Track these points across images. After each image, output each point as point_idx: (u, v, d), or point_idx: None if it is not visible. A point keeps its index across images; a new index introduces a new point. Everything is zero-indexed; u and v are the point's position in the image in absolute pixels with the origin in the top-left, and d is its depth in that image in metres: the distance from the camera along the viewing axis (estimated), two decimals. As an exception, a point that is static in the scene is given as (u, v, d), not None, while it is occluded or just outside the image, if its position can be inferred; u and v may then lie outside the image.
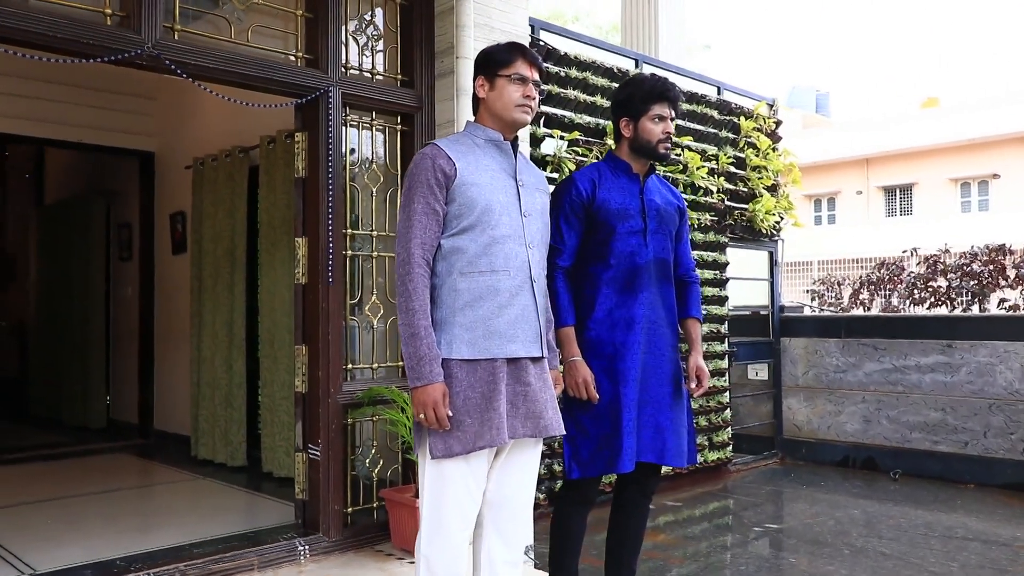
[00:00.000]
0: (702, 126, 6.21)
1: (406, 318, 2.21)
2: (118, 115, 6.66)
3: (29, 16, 2.68)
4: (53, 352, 7.80)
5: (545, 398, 2.36)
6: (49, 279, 8.05)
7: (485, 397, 2.24)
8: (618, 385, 2.67)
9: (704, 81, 6.60)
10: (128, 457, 6.24)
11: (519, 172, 2.42)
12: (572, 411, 2.71)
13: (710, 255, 6.15)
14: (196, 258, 5.80)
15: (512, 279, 2.31)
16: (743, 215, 6.47)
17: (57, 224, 7.95)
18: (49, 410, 7.86)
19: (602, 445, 2.66)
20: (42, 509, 4.62)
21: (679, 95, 2.82)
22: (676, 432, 2.76)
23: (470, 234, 2.28)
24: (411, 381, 2.19)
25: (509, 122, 2.39)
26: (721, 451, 6.13)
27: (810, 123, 26.38)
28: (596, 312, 2.73)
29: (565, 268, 2.74)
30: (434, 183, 2.26)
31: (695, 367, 2.83)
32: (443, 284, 2.29)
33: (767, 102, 6.91)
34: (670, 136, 2.77)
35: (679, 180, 5.81)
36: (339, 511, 3.45)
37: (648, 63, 6.04)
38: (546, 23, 5.31)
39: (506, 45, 2.43)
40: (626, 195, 2.78)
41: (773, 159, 6.74)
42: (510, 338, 2.29)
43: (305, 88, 3.38)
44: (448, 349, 2.25)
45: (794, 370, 6.87)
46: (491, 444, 2.23)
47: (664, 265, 2.82)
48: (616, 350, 2.69)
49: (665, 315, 2.80)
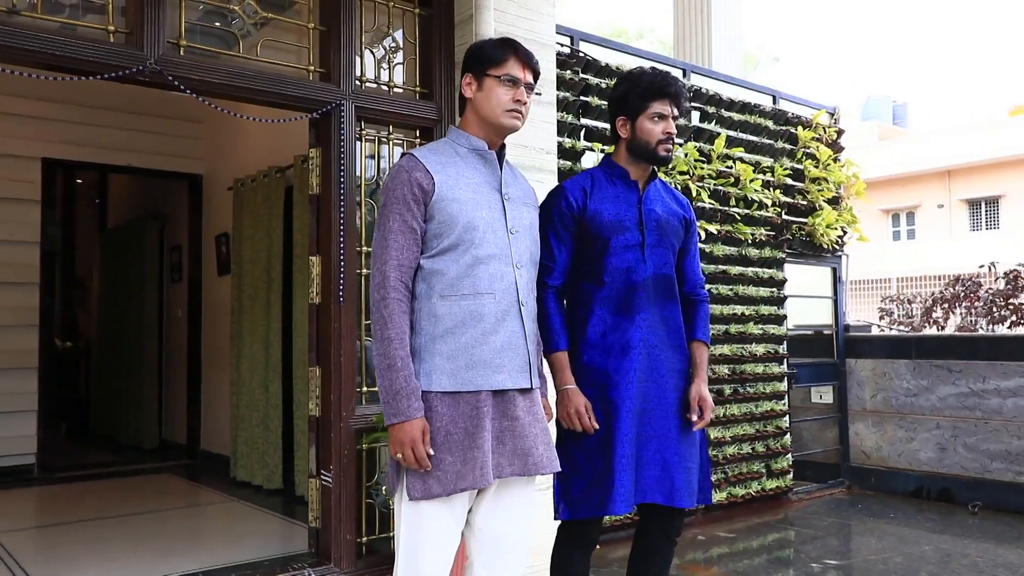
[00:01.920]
0: (756, 137, 5.94)
1: (381, 347, 2.02)
2: (169, 139, 6.78)
3: (25, 34, 2.65)
4: (112, 372, 7.97)
5: (535, 433, 2.15)
6: (110, 301, 8.25)
7: (468, 433, 2.04)
8: (612, 418, 2.40)
9: (758, 90, 6.33)
10: (173, 478, 6.26)
11: (505, 185, 2.22)
12: (564, 445, 2.46)
13: (766, 272, 5.85)
14: (237, 279, 5.81)
15: (498, 303, 2.11)
16: (802, 229, 6.14)
17: (117, 247, 8.15)
18: (108, 429, 8.03)
19: (593, 483, 2.40)
20: (73, 530, 4.64)
21: (682, 91, 2.54)
22: (686, 468, 2.49)
23: (451, 254, 2.09)
24: (387, 417, 2.01)
25: (496, 127, 2.19)
26: (781, 479, 5.79)
27: (886, 134, 25.40)
28: (588, 335, 2.48)
29: (556, 287, 2.51)
30: (411, 199, 2.07)
31: (696, 396, 2.54)
32: (422, 309, 2.10)
33: (827, 110, 6.58)
34: (671, 137, 2.51)
35: (730, 193, 5.54)
36: (351, 540, 3.30)
37: (697, 72, 5.82)
38: (586, 33, 5.15)
39: (498, 41, 2.23)
40: (621, 205, 2.53)
41: (834, 170, 6.39)
42: (496, 368, 2.09)
43: (316, 102, 3.28)
44: (427, 380, 2.06)
45: (861, 393, 6.47)
46: (473, 486, 2.03)
47: (666, 282, 2.56)
48: (609, 378, 2.43)
49: (668, 337, 2.54)
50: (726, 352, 5.49)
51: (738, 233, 5.63)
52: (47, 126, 6.19)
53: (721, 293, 5.49)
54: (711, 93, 5.66)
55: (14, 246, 6.02)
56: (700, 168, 5.36)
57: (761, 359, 5.75)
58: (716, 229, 5.42)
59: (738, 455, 5.48)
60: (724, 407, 5.46)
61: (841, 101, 27.01)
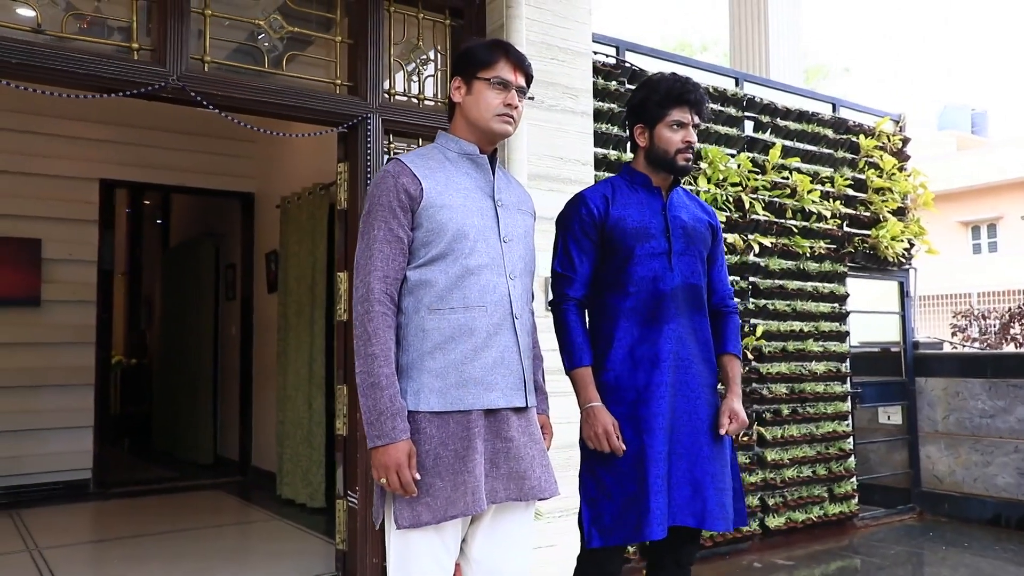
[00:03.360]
0: (814, 146, 5.70)
1: (364, 365, 1.90)
2: (222, 158, 6.90)
3: (48, 53, 2.67)
4: (172, 389, 8.12)
5: (532, 455, 2.01)
6: (171, 319, 8.43)
7: (459, 456, 1.91)
8: (643, 435, 2.26)
9: (817, 98, 6.10)
10: (222, 495, 6.30)
11: (498, 190, 2.10)
12: (591, 467, 2.33)
13: (826, 287, 5.59)
14: (283, 296, 5.83)
15: (490, 316, 1.98)
16: (865, 242, 5.86)
17: (177, 266, 8.33)
18: (168, 445, 8.17)
19: (627, 508, 2.24)
20: (114, 547, 4.69)
21: (703, 98, 2.42)
22: (719, 489, 2.33)
23: (440, 264, 1.97)
24: (370, 440, 1.88)
25: (486, 133, 2.07)
26: (844, 504, 5.49)
27: (965, 144, 24.38)
28: (614, 350, 2.34)
29: (578, 299, 2.38)
30: (397, 206, 1.95)
31: (728, 410, 2.39)
32: (410, 323, 1.98)
33: (891, 118, 6.28)
34: (690, 146, 2.38)
35: (786, 205, 5.32)
36: (377, 564, 3.21)
37: (750, 81, 5.63)
38: (632, 43, 5.01)
39: (488, 42, 2.11)
40: (646, 211, 2.40)
41: (900, 180, 6.09)
42: (488, 386, 1.96)
43: (342, 116, 3.24)
44: (415, 400, 1.93)
45: (932, 414, 6.12)
46: (465, 513, 1.90)
47: (695, 291, 2.41)
48: (639, 394, 2.29)
49: (698, 350, 2.39)
50: (784, 370, 5.25)
51: (795, 246, 5.40)
52: (104, 148, 6.35)
53: (778, 309, 5.26)
54: (765, 102, 5.46)
55: (72, 265, 6.17)
56: (754, 179, 5.16)
57: (822, 378, 5.49)
58: (771, 242, 5.20)
59: (798, 478, 5.23)
60: (783, 428, 5.22)
61: (916, 111, 26.05)
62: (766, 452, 5.09)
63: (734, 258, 5.05)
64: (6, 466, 5.86)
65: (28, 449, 5.96)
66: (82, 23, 3.11)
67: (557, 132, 3.62)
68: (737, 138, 5.24)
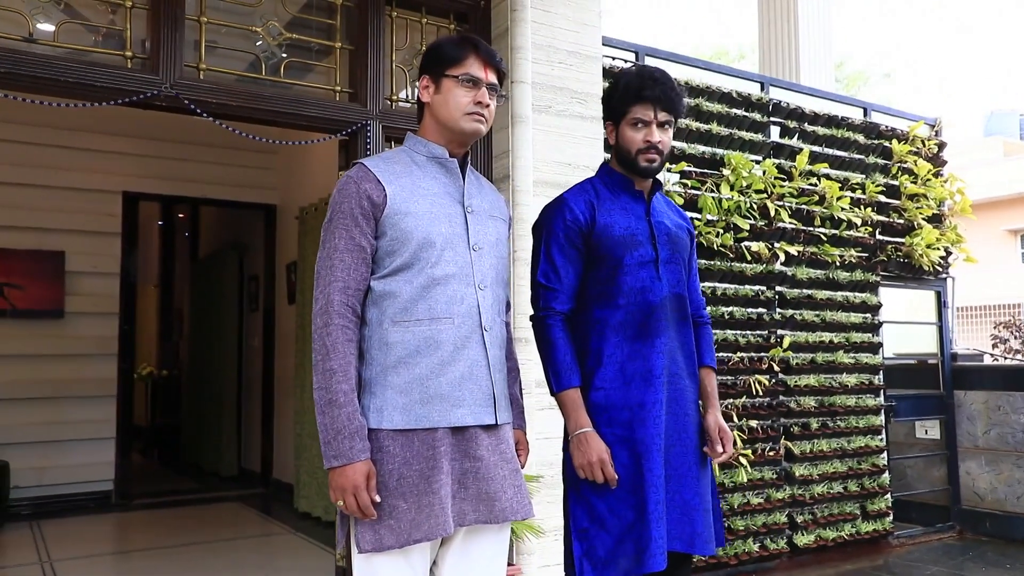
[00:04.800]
0: (844, 152, 5.52)
1: (322, 380, 1.80)
2: (244, 170, 6.92)
3: (38, 62, 2.65)
4: (199, 400, 8.15)
5: (502, 475, 1.90)
6: (199, 330, 8.47)
7: (424, 476, 1.81)
8: (641, 459, 2.09)
9: (848, 103, 5.92)
10: (242, 507, 6.27)
11: (468, 196, 1.99)
12: (582, 495, 2.16)
13: (857, 296, 5.40)
14: (300, 307, 5.79)
15: (457, 329, 1.88)
16: (898, 250, 5.64)
17: (204, 278, 8.38)
18: (195, 456, 8.19)
19: (623, 538, 2.08)
20: (126, 560, 4.67)
21: (670, 93, 2.19)
22: (705, 510, 2.18)
23: (404, 274, 1.86)
24: (327, 460, 1.78)
25: (456, 133, 1.97)
26: (878, 521, 5.28)
27: (1013, 150, 23.67)
28: (605, 367, 2.16)
29: (564, 313, 2.20)
30: (359, 213, 1.86)
31: (716, 427, 2.24)
32: (373, 336, 1.88)
33: (927, 122, 6.06)
34: (653, 146, 2.19)
35: (814, 212, 5.14)
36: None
37: (776, 85, 5.47)
38: (652, 48, 4.89)
39: (457, 38, 2.01)
40: (631, 217, 2.24)
41: (935, 186, 5.87)
42: (454, 402, 1.85)
43: (342, 123, 3.17)
44: (378, 417, 1.83)
45: (972, 428, 5.87)
46: (429, 536, 1.79)
47: (681, 302, 2.26)
48: (634, 414, 2.13)
49: (686, 364, 2.25)
50: (812, 383, 5.07)
51: (824, 255, 5.22)
52: (126, 161, 6.41)
53: (806, 319, 5.08)
54: (792, 107, 5.29)
55: (96, 277, 6.22)
56: (780, 186, 5.00)
57: (853, 390, 5.29)
58: (798, 251, 5.02)
59: (828, 494, 5.03)
60: (812, 442, 5.04)
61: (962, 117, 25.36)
62: (794, 467, 4.91)
63: (759, 267, 4.89)
64: (29, 477, 5.90)
65: (51, 460, 6.01)
66: (96, 36, 3.10)
67: (565, 138, 3.52)
68: (762, 144, 5.09)
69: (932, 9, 42.90)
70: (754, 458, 4.70)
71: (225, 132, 6.15)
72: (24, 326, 5.97)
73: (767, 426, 4.84)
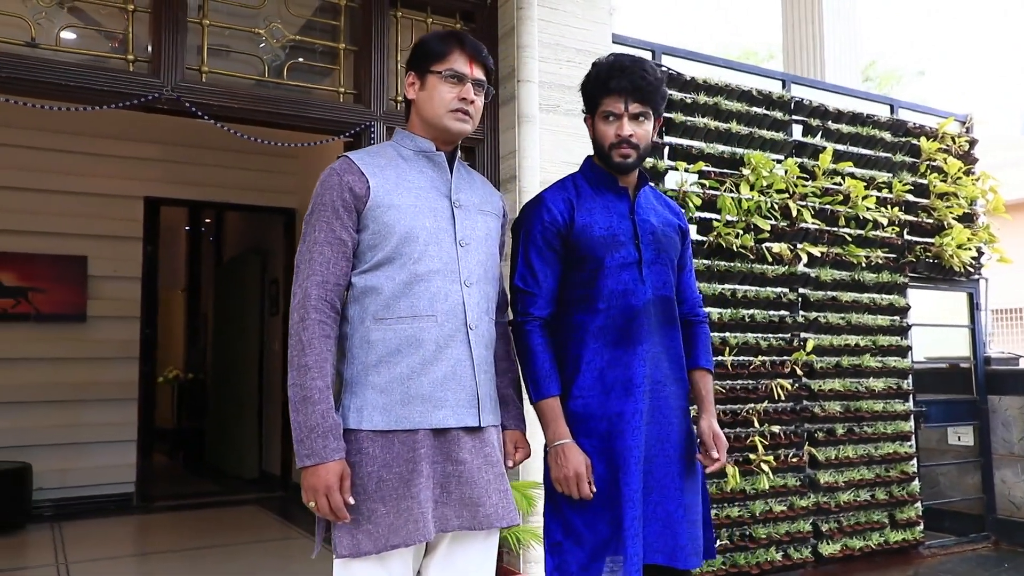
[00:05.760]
0: (870, 150, 5.38)
1: (296, 377, 1.76)
2: (264, 175, 6.94)
3: (38, 66, 2.64)
4: (222, 403, 8.20)
5: (487, 479, 1.83)
6: (223, 334, 8.52)
7: (403, 480, 1.75)
8: (618, 472, 2.00)
9: (873, 100, 5.77)
10: (260, 511, 6.27)
11: (456, 190, 1.94)
12: (557, 507, 2.07)
13: (884, 298, 5.25)
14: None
15: (440, 327, 1.82)
16: (928, 251, 5.48)
17: (227, 282, 8.44)
18: (217, 459, 8.24)
19: (597, 554, 1.99)
20: (141, 563, 4.68)
21: (639, 83, 2.06)
22: (691, 522, 2.09)
23: (386, 270, 1.82)
24: (299, 459, 1.74)
25: (441, 131, 1.92)
26: (908, 531, 5.12)
27: (1054, 148, 23.14)
28: (582, 375, 2.07)
29: (542, 318, 2.10)
30: (340, 206, 1.81)
31: (710, 432, 2.14)
32: (355, 334, 1.83)
33: (957, 118, 5.89)
34: (625, 140, 2.08)
35: (839, 212, 5.01)
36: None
37: (798, 83, 5.35)
38: (669, 47, 4.80)
39: (441, 34, 1.96)
40: (613, 216, 2.13)
41: (966, 184, 5.70)
42: (436, 403, 1.80)
43: (345, 124, 3.14)
44: (358, 417, 1.78)
45: (1007, 435, 5.69)
46: (407, 542, 1.73)
47: (667, 305, 2.15)
48: (612, 424, 2.03)
49: (671, 370, 2.14)
50: (837, 387, 4.94)
51: (849, 256, 5.09)
52: (147, 166, 6.46)
53: (831, 322, 4.95)
54: (815, 104, 5.17)
55: (117, 281, 6.27)
56: (802, 186, 4.88)
57: (880, 395, 5.15)
58: (821, 252, 4.90)
59: (855, 502, 4.90)
60: (837, 448, 4.90)
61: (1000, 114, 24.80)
62: (819, 474, 4.79)
63: (780, 268, 4.78)
64: (52, 479, 5.96)
65: (73, 462, 6.06)
66: (113, 43, 3.10)
67: (573, 137, 3.45)
68: (784, 143, 4.98)
69: (969, 4, 41.98)
70: (776, 464, 4.59)
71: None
72: (47, 330, 6.04)
73: (790, 431, 4.73)
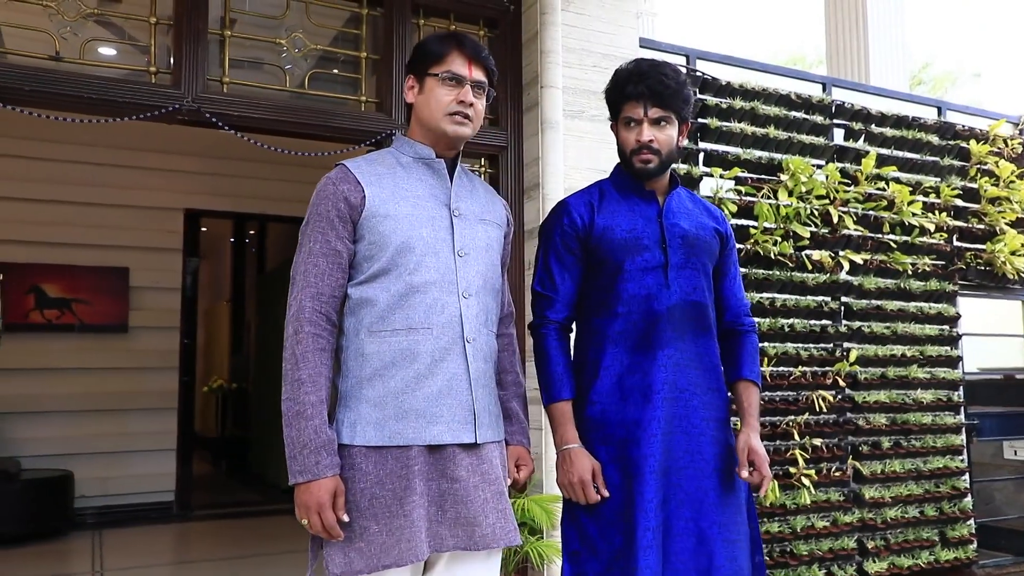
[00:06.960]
0: (916, 154, 5.19)
1: (290, 391, 1.73)
2: (300, 186, 6.95)
3: (60, 79, 2.68)
4: (263, 411, 8.27)
5: (483, 498, 1.77)
6: (264, 343, 8.61)
7: (396, 497, 1.70)
8: (632, 480, 1.94)
9: (920, 102, 5.59)
10: (294, 520, 6.28)
11: (456, 198, 1.88)
12: (574, 516, 2.03)
13: (932, 307, 5.06)
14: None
15: (436, 339, 1.77)
16: (979, 257, 5.27)
17: (269, 292, 8.53)
18: (260, 467, 8.31)
19: (612, 564, 1.93)
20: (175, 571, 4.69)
21: (658, 88, 2.03)
22: (728, 541, 1.99)
23: (381, 281, 1.77)
24: (291, 475, 1.70)
25: (439, 134, 1.87)
26: (960, 549, 4.91)
27: (1120, 150, 22.24)
28: (600, 380, 2.02)
29: (559, 323, 2.09)
30: (335, 216, 1.77)
31: (745, 447, 2.05)
32: (350, 346, 1.80)
33: (1009, 120, 5.67)
34: (645, 146, 2.04)
35: (883, 218, 4.84)
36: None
37: (839, 85, 5.20)
38: (703, 51, 4.70)
39: (440, 35, 1.91)
40: (637, 219, 2.08)
41: (1020, 188, 5.47)
42: (431, 418, 1.74)
43: (366, 133, 3.12)
44: (351, 432, 1.74)
45: (1066, 450, 5.43)
46: (400, 562, 1.68)
47: (698, 310, 2.08)
48: (629, 432, 1.97)
49: (702, 379, 2.06)
50: (883, 399, 4.76)
51: (894, 263, 4.91)
52: (187, 179, 6.56)
53: (876, 332, 4.78)
54: (857, 108, 5.01)
55: (158, 293, 6.37)
56: (843, 191, 4.73)
57: (929, 407, 4.94)
58: (864, 259, 4.74)
59: (902, 519, 4.71)
60: (883, 462, 4.72)
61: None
62: (864, 489, 4.62)
63: (822, 276, 4.63)
64: (94, 487, 6.06)
65: (115, 471, 6.16)
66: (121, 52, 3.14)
67: (599, 144, 3.38)
68: (824, 147, 4.83)
69: (1029, 5, 40.70)
70: (818, 478, 4.43)
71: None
72: (90, 340, 6.16)
73: (833, 444, 4.57)
